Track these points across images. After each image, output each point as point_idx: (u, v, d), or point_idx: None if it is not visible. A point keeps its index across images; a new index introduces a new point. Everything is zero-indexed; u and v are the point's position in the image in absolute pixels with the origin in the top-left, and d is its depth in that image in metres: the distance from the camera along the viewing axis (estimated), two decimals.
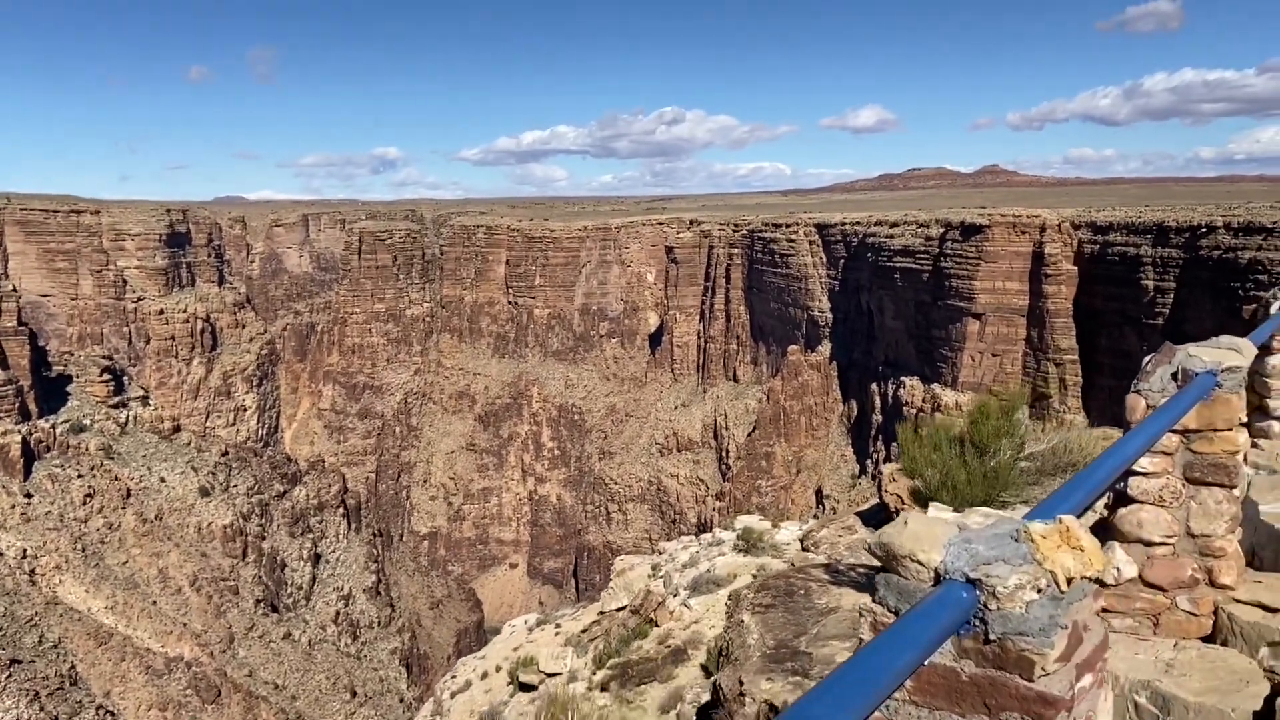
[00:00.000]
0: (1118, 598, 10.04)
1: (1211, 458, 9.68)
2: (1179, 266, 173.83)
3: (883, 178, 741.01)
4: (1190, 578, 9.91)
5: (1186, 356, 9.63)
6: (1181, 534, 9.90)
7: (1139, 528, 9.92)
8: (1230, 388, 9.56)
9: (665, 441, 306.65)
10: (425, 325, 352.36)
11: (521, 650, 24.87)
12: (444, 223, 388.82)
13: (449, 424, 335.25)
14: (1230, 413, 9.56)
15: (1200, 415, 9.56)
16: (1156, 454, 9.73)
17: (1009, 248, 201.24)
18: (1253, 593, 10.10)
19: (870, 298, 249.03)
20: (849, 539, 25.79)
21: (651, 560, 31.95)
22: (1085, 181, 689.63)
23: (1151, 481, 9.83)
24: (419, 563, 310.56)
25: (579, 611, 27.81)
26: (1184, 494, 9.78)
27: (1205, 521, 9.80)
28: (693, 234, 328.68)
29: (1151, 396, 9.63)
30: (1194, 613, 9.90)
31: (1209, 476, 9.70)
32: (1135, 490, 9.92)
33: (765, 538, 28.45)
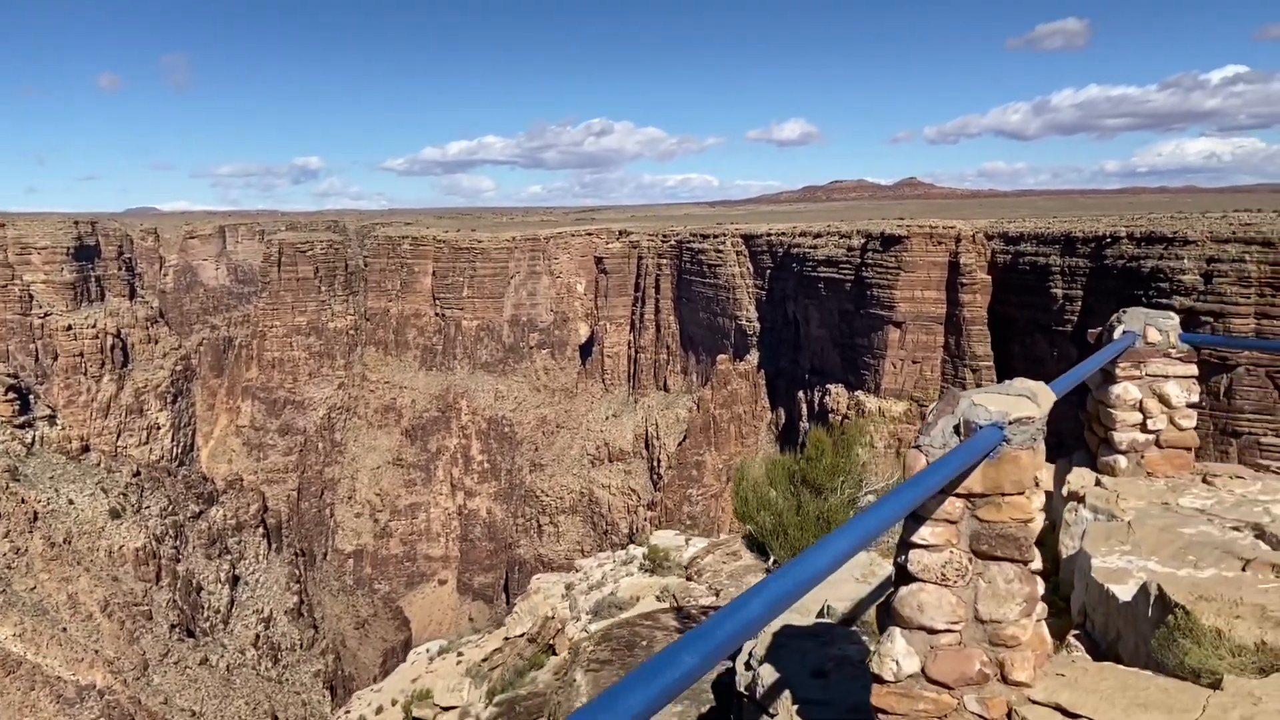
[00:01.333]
0: (898, 697, 8.42)
1: (999, 528, 8.15)
2: (1086, 275, 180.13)
3: (807, 189, 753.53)
4: (978, 673, 8.29)
5: (970, 406, 8.19)
6: (969, 619, 8.31)
7: (920, 612, 8.30)
8: (1020, 443, 8.05)
9: (597, 452, 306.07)
10: (349, 338, 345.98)
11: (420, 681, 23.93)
12: (368, 234, 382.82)
13: (375, 439, 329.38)
14: (1019, 473, 8.05)
15: (986, 476, 8.09)
16: (939, 522, 8.22)
17: (927, 258, 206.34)
18: (1052, 691, 8.37)
19: (796, 307, 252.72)
20: (731, 566, 25.53)
21: (567, 579, 31.55)
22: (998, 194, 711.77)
23: (933, 556, 8.25)
24: (344, 582, 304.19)
25: (484, 637, 26.99)
26: (970, 571, 8.25)
27: (995, 604, 8.23)
28: (622, 244, 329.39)
29: (933, 453, 8.12)
30: (983, 716, 8.28)
31: (998, 550, 8.19)
32: (915, 566, 8.31)
33: (672, 556, 28.25)
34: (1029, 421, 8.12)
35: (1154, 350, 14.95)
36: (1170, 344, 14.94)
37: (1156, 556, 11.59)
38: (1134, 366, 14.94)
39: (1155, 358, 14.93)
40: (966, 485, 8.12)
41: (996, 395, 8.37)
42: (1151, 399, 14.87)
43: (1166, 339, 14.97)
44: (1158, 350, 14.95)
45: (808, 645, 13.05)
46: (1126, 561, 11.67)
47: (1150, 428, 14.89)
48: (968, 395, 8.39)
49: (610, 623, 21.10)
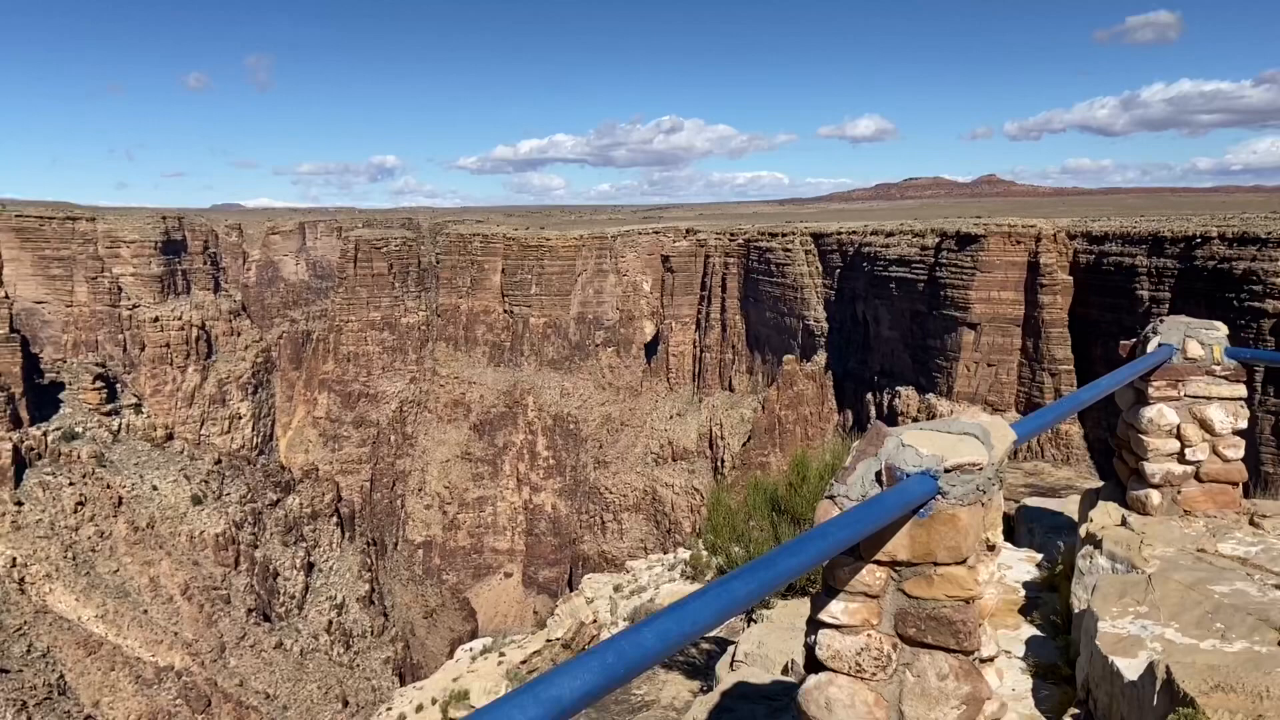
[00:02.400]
0: None
1: (931, 606, 6.28)
2: (1174, 277, 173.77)
3: (880, 187, 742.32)
4: None
5: (897, 447, 6.44)
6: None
7: (828, 711, 6.47)
8: (960, 497, 6.21)
9: (660, 451, 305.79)
10: (420, 334, 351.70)
11: (461, 681, 23.50)
12: (440, 231, 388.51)
13: (444, 433, 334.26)
14: (957, 537, 6.16)
15: (914, 540, 6.25)
16: (856, 597, 6.44)
17: (1004, 258, 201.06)
18: None
19: (866, 307, 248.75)
20: None
21: (616, 579, 31.13)
22: (1083, 191, 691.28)
23: (847, 639, 6.49)
24: (413, 572, 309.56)
25: (527, 638, 26.41)
26: (894, 661, 6.44)
27: (924, 707, 6.31)
28: (689, 243, 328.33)
29: (848, 506, 6.40)
30: None
31: (929, 635, 6.33)
32: (825, 651, 6.53)
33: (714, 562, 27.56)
34: (974, 470, 6.24)
35: (1195, 367, 12.90)
36: (1214, 360, 12.93)
37: (1177, 622, 9.67)
38: (1170, 386, 12.92)
39: (1196, 376, 12.88)
40: (890, 550, 6.32)
41: (934, 434, 6.52)
42: (1191, 424, 12.85)
43: (1210, 354, 12.97)
44: (1199, 367, 12.89)
45: (759, 711, 11.88)
46: (1140, 627, 9.74)
47: (1189, 458, 12.90)
48: (897, 433, 6.55)
49: None
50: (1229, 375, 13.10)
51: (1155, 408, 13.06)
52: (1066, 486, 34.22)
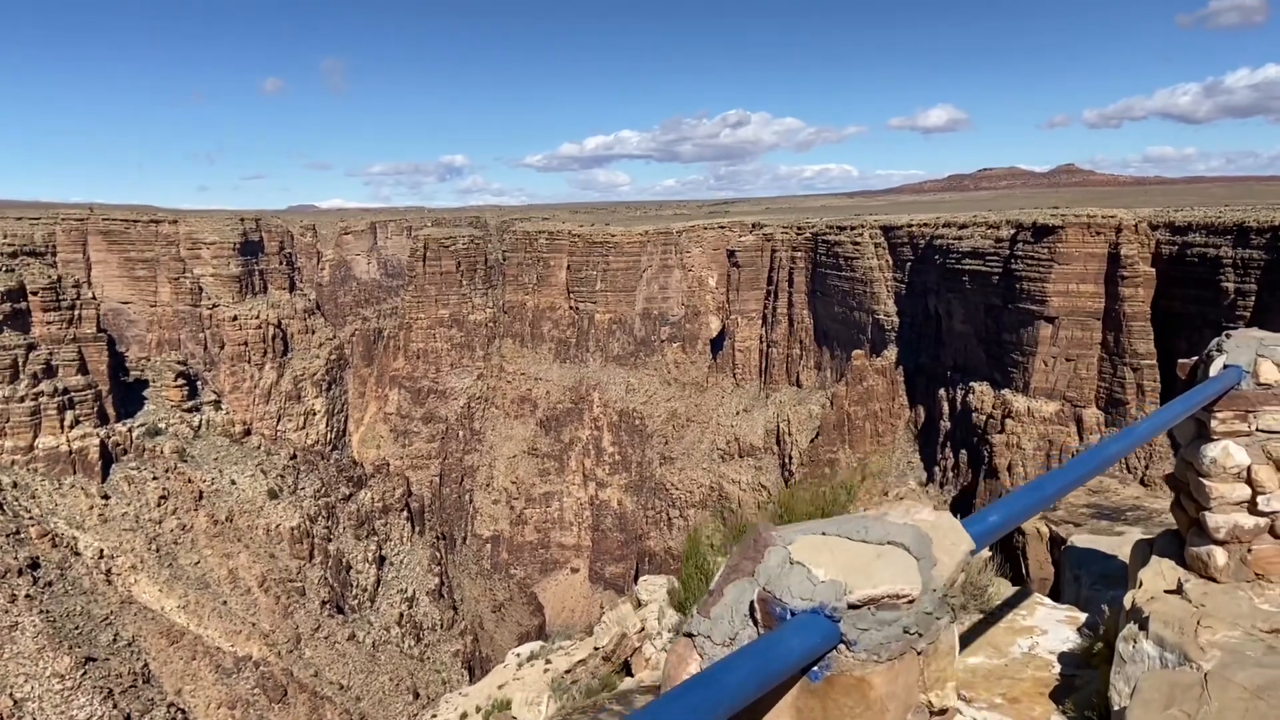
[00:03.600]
0: None
1: None
2: (1260, 268, 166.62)
3: (953, 178, 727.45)
4: None
5: (781, 565, 4.36)
6: None
7: None
8: (873, 648, 4.06)
9: (727, 447, 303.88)
10: (488, 330, 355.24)
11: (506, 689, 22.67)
12: (507, 229, 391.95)
13: (511, 428, 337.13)
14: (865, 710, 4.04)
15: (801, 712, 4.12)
16: None
17: (1083, 249, 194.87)
18: None
19: (938, 301, 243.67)
20: None
21: (673, 581, 30.26)
22: (1165, 181, 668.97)
23: None
24: (481, 566, 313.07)
25: (576, 644, 25.41)
26: None
27: None
28: (755, 237, 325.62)
29: (710, 651, 4.38)
30: None
31: None
32: None
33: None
34: (898, 604, 4.15)
35: (1270, 394, 10.52)
36: None
37: None
38: (1239, 417, 10.49)
39: (1272, 405, 10.48)
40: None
41: (841, 544, 4.40)
42: (1266, 465, 10.39)
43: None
44: (1276, 394, 10.51)
45: None
46: None
47: (1262, 508, 10.47)
48: (785, 538, 4.48)
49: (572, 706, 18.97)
50: None
51: (1220, 445, 10.57)
52: (1134, 508, 31.41)
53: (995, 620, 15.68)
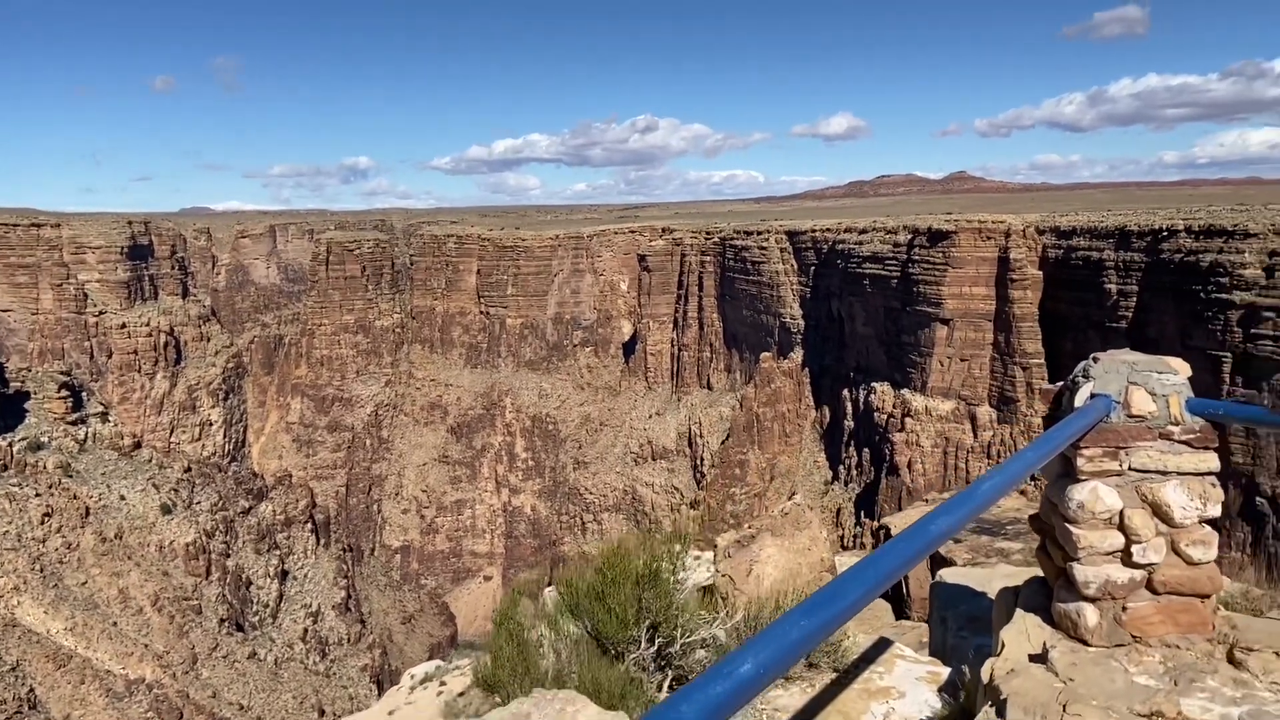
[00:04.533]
0: None
1: None
2: (1141, 270, 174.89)
3: (853, 184, 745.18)
4: None
5: None
6: None
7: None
8: None
9: (640, 450, 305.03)
10: (395, 336, 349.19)
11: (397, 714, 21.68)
12: (414, 232, 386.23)
13: (421, 436, 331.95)
14: None
15: None
16: None
17: (975, 253, 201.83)
18: None
19: (841, 304, 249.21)
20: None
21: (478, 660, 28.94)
22: (1051, 187, 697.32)
23: None
24: (390, 577, 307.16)
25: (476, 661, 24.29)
26: None
27: None
28: (665, 242, 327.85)
29: None
30: None
31: None
32: None
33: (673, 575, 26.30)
34: None
35: (1143, 428, 9.32)
36: (1172, 417, 9.31)
37: None
38: (1109, 455, 9.26)
39: (1146, 440, 9.28)
40: None
41: None
42: (1140, 509, 9.17)
43: (1165, 408, 9.37)
44: (1150, 428, 9.32)
45: None
46: None
47: (1138, 559, 9.15)
48: None
49: None
50: (1193, 439, 9.37)
51: (1088, 487, 9.26)
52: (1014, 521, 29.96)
53: (849, 680, 14.07)
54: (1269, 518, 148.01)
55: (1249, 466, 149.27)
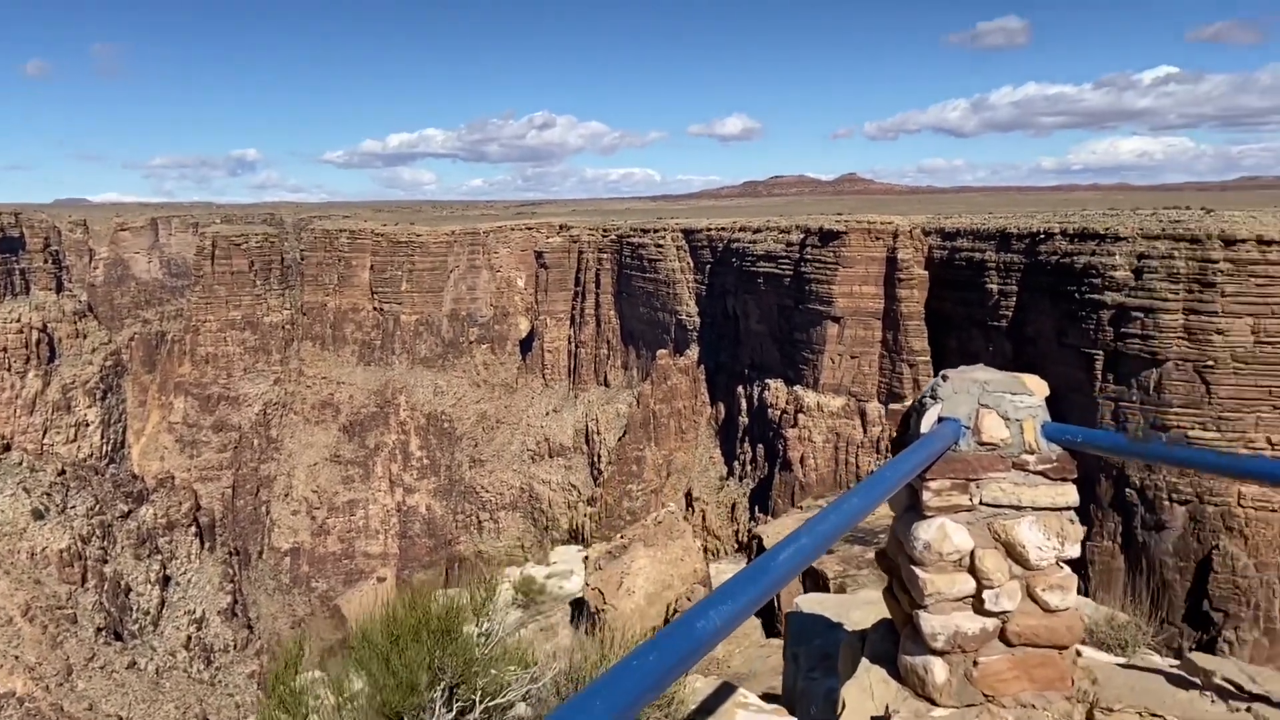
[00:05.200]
0: None
1: None
2: (1021, 271, 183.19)
3: (748, 184, 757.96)
4: None
5: None
6: None
7: None
8: None
9: (537, 448, 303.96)
10: (285, 333, 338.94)
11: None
12: (305, 227, 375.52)
13: (311, 435, 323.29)
14: None
15: None
16: None
17: (865, 253, 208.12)
18: None
19: (736, 302, 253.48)
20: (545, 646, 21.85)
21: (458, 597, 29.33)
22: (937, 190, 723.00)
23: None
24: (280, 581, 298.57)
25: None
26: None
27: None
28: (562, 239, 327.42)
29: None
30: None
31: None
32: None
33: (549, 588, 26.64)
34: None
35: (995, 456, 8.40)
36: (1027, 444, 8.40)
37: None
38: (958, 487, 8.33)
39: (998, 471, 8.37)
40: None
41: None
42: (993, 550, 8.27)
43: (1019, 434, 8.45)
44: (1002, 456, 8.40)
45: None
46: None
47: (990, 606, 8.23)
48: None
49: None
50: (1050, 469, 8.41)
51: (935, 524, 8.30)
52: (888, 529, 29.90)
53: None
54: (1137, 508, 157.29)
55: (1118, 460, 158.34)
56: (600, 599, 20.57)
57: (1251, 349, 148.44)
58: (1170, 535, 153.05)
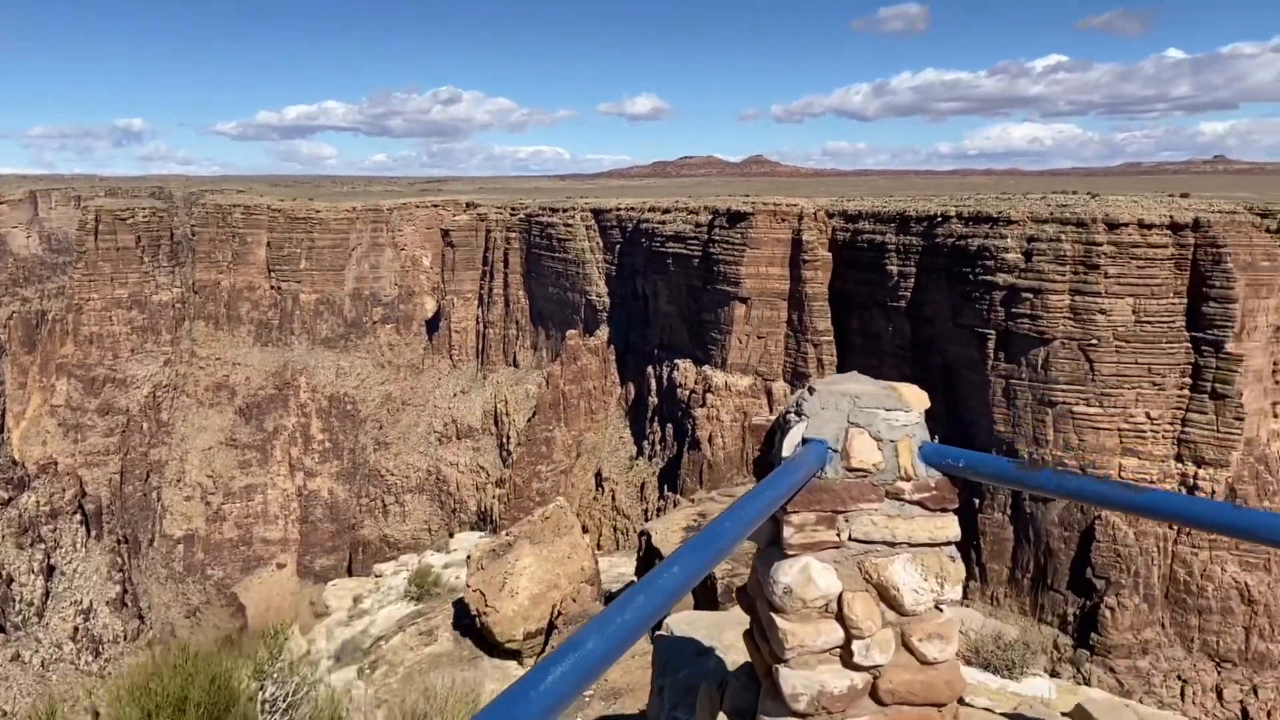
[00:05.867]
0: None
1: None
2: (919, 253, 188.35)
3: (657, 165, 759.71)
4: None
5: None
6: None
7: None
8: None
9: (444, 430, 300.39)
10: (176, 312, 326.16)
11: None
12: (196, 201, 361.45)
13: (205, 418, 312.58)
14: None
15: None
16: None
17: (771, 234, 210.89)
18: None
19: (645, 283, 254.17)
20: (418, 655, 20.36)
21: (366, 585, 28.27)
22: (840, 173, 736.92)
23: None
24: (172, 569, 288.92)
25: None
26: None
27: None
28: (469, 217, 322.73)
29: None
30: None
31: None
32: None
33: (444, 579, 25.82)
34: None
35: (866, 484, 7.26)
36: (902, 469, 7.27)
37: None
38: (824, 521, 7.19)
39: (870, 501, 7.26)
40: None
41: None
42: (863, 593, 7.16)
43: (893, 457, 7.29)
44: (874, 484, 7.26)
45: None
46: None
47: (859, 660, 7.12)
48: None
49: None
50: (927, 498, 7.29)
51: (798, 564, 7.11)
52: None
53: None
54: None
55: (1009, 435, 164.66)
56: (481, 601, 18.85)
57: (1132, 328, 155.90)
58: (1055, 506, 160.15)
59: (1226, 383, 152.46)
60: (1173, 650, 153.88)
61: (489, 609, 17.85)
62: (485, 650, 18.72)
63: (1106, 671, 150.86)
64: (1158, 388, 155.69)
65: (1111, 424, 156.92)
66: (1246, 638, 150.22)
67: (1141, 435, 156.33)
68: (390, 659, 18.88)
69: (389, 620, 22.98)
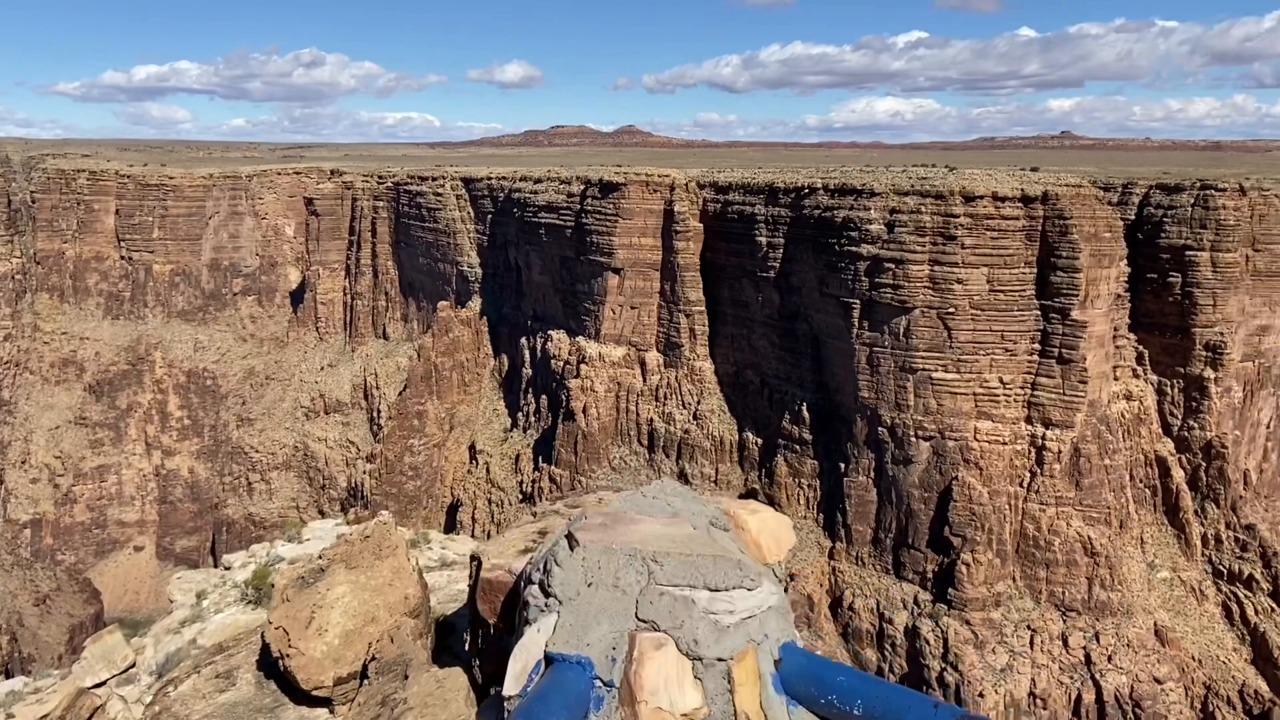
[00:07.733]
0: None
1: None
2: (787, 224, 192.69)
3: (529, 134, 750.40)
4: None
5: None
6: None
7: None
8: None
9: (312, 404, 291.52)
10: (16, 284, 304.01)
11: None
12: (36, 165, 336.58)
13: (52, 396, 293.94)
14: None
15: None
16: None
17: (643, 205, 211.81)
18: None
19: (518, 253, 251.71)
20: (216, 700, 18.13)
21: (212, 578, 26.10)
22: (711, 144, 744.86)
23: None
24: (19, 555, 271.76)
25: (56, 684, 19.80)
26: None
27: None
28: (334, 185, 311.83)
29: None
30: None
31: None
32: None
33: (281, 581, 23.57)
34: None
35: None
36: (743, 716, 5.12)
37: None
38: None
39: None
40: None
41: None
42: None
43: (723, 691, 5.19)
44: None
45: None
46: None
47: None
48: None
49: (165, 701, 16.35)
50: None
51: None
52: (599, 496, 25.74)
53: None
54: (888, 445, 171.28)
55: (873, 401, 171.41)
56: (285, 641, 15.78)
57: (987, 296, 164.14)
58: (916, 469, 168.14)
59: (1072, 348, 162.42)
60: (1023, 601, 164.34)
61: (293, 650, 15.02)
62: (291, 696, 17.13)
63: (963, 624, 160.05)
64: (1010, 354, 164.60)
65: (968, 389, 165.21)
66: (1089, 588, 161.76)
67: (995, 399, 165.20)
68: (176, 711, 16.72)
69: (220, 628, 21.14)
